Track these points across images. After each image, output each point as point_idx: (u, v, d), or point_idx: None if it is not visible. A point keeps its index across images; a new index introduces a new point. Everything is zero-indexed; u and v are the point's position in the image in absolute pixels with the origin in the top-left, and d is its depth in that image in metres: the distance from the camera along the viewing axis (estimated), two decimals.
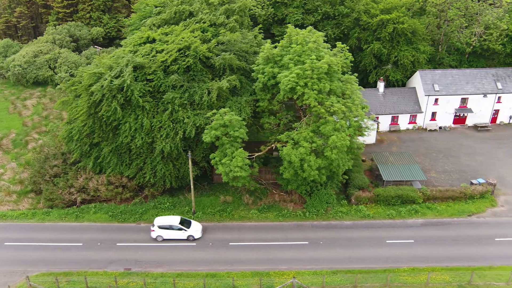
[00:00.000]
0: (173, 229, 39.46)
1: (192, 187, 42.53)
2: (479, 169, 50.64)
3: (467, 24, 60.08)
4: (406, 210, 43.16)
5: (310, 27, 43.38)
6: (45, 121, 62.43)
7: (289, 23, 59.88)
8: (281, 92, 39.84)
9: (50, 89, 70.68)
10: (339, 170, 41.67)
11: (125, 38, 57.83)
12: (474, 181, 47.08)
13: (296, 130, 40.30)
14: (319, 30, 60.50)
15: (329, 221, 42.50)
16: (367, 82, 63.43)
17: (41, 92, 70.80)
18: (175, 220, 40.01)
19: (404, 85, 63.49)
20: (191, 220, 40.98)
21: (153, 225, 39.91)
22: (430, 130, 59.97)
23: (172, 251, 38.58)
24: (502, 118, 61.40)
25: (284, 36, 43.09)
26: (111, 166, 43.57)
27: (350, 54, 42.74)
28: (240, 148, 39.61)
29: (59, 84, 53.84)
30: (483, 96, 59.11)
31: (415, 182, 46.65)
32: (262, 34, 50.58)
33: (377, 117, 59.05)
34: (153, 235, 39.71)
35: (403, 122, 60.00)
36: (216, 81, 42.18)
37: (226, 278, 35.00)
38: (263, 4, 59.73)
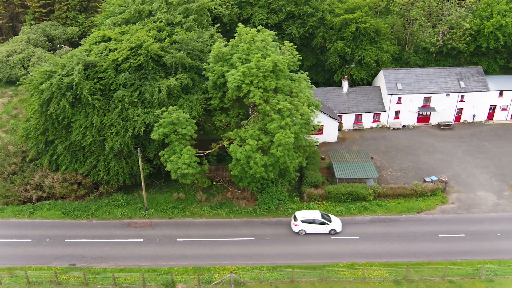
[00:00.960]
0: (315, 223, 40.07)
1: (143, 184, 43.06)
2: (436, 167, 51.13)
3: (429, 24, 60.55)
4: (356, 207, 43.65)
5: (260, 26, 43.96)
6: (14, 119, 63.01)
7: (253, 22, 60.59)
8: (229, 90, 40.40)
9: (21, 88, 71.10)
10: (290, 167, 42.15)
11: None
12: (427, 179, 47.57)
13: (244, 128, 40.85)
14: (284, 30, 61.33)
15: (279, 217, 43.00)
16: (333, 81, 63.99)
17: (13, 91, 71.37)
18: (316, 214, 40.69)
19: (370, 84, 64.03)
20: (330, 215, 41.67)
21: (295, 219, 40.47)
22: (394, 129, 60.48)
23: (117, 247, 39.08)
24: (466, 117, 61.89)
25: (235, 35, 43.62)
26: (66, 163, 44.10)
27: (297, 52, 43.27)
28: (189, 145, 40.16)
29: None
30: (446, 95, 59.63)
31: (368, 180, 47.14)
32: (219, 33, 51.11)
33: (341, 116, 59.73)
34: (296, 229, 40.36)
35: (367, 120, 60.49)
36: (168, 79, 42.68)
37: (167, 273, 35.49)
38: (227, 3, 60.22)
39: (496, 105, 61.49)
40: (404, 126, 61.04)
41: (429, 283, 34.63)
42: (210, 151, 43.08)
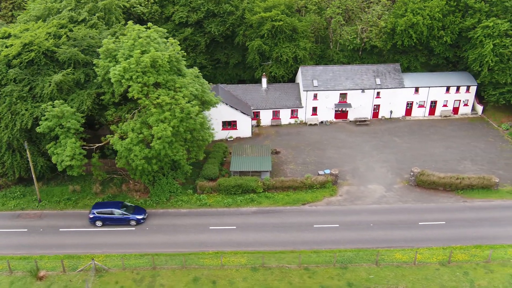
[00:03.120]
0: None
1: (34, 176, 44.37)
2: (339, 161, 52.40)
3: (344, 22, 61.83)
4: (243, 199, 44.91)
5: (150, 24, 45.29)
6: None
7: (174, 20, 61.88)
8: (114, 85, 41.75)
9: None
10: (182, 161, 43.36)
11: None
12: (320, 172, 48.92)
13: (127, 122, 42.16)
14: (204, 28, 62.56)
15: (167, 209, 44.29)
16: (253, 78, 65.30)
17: None
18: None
19: (293, 81, 65.27)
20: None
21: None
22: (311, 125, 61.77)
23: (4, 236, 40.39)
24: (383, 113, 63.19)
25: (125, 31, 44.91)
26: None
27: (180, 48, 44.52)
28: (73, 138, 41.49)
29: None
30: (361, 92, 60.91)
31: (264, 173, 48.43)
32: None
33: (259, 112, 61.07)
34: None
35: (285, 116, 61.77)
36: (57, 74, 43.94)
37: (39, 261, 36.73)
38: (146, 2, 61.45)
39: (413, 102, 62.79)
40: (321, 122, 62.33)
41: (285, 270, 35.88)
42: (100, 144, 44.38)
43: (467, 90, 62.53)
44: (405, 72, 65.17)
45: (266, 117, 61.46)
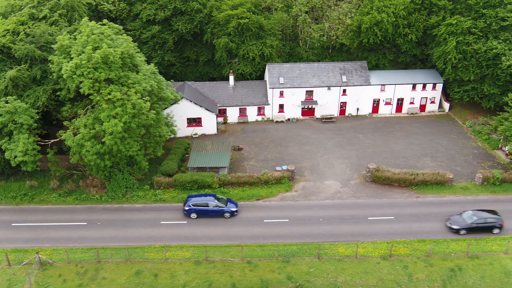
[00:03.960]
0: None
1: None
2: (300, 157, 52.77)
3: (310, 20, 62.17)
4: None
5: (105, 20, 45.65)
6: None
7: (141, 18, 62.23)
8: (67, 81, 42.15)
9: None
10: (139, 157, 43.95)
11: None
12: (278, 168, 49.30)
13: (80, 117, 42.57)
14: (172, 26, 62.90)
15: (122, 204, 44.64)
16: (223, 76, 65.66)
17: None
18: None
19: (261, 78, 65.62)
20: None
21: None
22: (277, 122, 62.13)
23: None
24: (350, 110, 63.55)
25: (80, 28, 45.27)
26: None
27: (132, 45, 44.84)
28: (26, 133, 41.88)
29: None
30: (327, 89, 61.27)
31: (222, 169, 48.79)
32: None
33: (225, 109, 61.45)
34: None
35: (252, 114, 62.12)
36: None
37: None
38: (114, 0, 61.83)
39: (379, 99, 63.15)
40: (288, 119, 62.70)
41: (228, 263, 36.22)
42: (55, 140, 44.76)
43: (434, 87, 62.89)
44: (374, 69, 65.62)
45: (233, 114, 61.80)
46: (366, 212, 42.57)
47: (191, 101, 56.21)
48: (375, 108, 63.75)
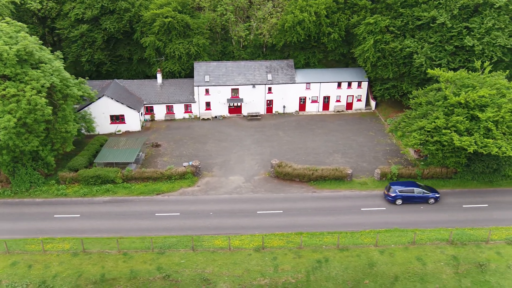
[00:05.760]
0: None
1: None
2: (214, 153, 53.66)
3: (235, 19, 63.09)
4: (100, 189, 46.13)
5: (8, 19, 46.56)
6: None
7: (70, 17, 63.11)
8: None
9: None
10: (44, 152, 45.02)
11: None
12: (185, 164, 50.19)
13: None
14: (100, 24, 63.79)
15: (23, 198, 45.50)
16: (151, 74, 66.61)
17: None
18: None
19: (191, 76, 66.47)
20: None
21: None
22: (204, 119, 63.04)
23: None
24: (277, 108, 64.46)
25: None
26: None
27: (28, 42, 45.59)
28: None
29: None
30: (252, 87, 62.18)
31: (131, 165, 49.68)
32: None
33: (152, 107, 62.36)
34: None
35: (179, 111, 63.02)
36: None
37: None
38: None
39: (306, 97, 64.06)
40: (215, 117, 63.60)
41: (105, 255, 37.09)
42: None
43: (359, 85, 63.84)
44: (304, 68, 66.55)
45: (160, 111, 62.71)
46: (257, 206, 43.41)
47: (112, 99, 57.08)
48: (302, 106, 64.67)
